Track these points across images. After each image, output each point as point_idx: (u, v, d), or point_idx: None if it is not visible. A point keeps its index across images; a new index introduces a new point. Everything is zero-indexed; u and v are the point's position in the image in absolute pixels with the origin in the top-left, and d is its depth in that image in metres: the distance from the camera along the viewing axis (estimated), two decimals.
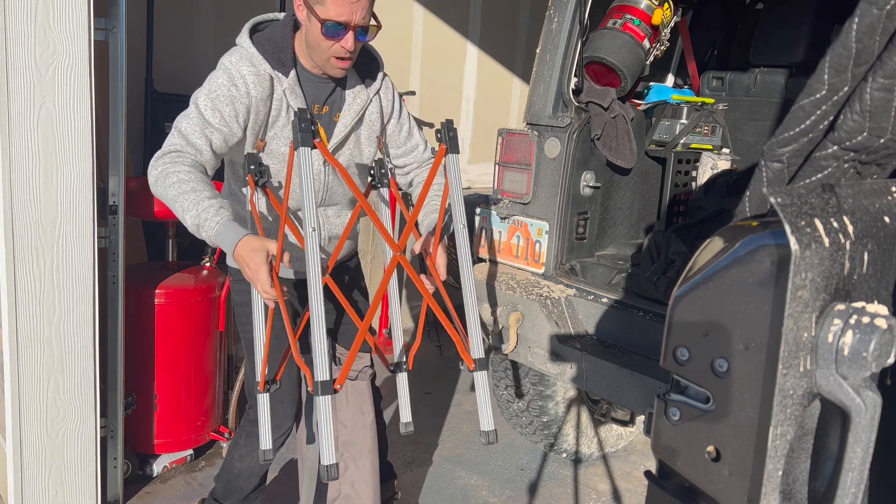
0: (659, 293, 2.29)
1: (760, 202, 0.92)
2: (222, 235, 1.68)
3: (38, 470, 2.30)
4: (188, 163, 1.78)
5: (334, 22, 1.78)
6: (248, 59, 1.86)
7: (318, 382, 1.55)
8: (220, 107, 1.83)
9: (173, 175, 1.74)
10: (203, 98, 1.83)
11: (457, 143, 1.87)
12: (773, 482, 0.78)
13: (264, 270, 1.63)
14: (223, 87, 1.83)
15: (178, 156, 1.78)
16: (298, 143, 1.63)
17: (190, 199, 1.70)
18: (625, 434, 3.42)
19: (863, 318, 0.74)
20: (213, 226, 1.68)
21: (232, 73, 1.84)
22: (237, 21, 4.21)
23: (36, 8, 2.04)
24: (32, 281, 2.18)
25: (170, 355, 2.81)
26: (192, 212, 1.70)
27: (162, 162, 1.78)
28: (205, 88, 1.85)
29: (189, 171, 1.75)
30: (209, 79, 1.87)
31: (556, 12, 2.55)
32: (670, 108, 2.81)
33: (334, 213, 2.13)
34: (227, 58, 1.88)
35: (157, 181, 1.77)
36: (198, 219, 1.69)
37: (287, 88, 1.90)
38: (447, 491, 2.95)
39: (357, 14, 1.79)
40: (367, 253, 4.73)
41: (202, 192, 1.71)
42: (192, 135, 1.81)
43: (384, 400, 3.68)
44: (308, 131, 1.63)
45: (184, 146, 1.80)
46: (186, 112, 1.85)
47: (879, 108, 0.83)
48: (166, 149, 1.80)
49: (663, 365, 0.86)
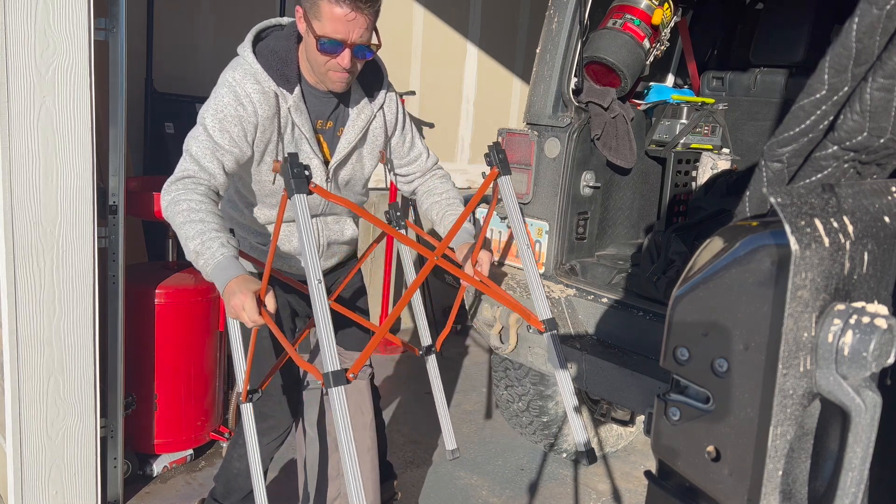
0: (659, 293, 2.29)
1: (760, 202, 0.92)
2: (218, 269, 1.65)
3: (38, 470, 2.31)
4: (201, 191, 1.75)
5: (330, 39, 1.75)
6: (252, 76, 1.82)
7: (329, 373, 1.49)
8: (229, 127, 1.79)
9: (184, 203, 1.71)
10: (210, 119, 1.80)
11: (507, 165, 1.90)
12: (773, 482, 0.78)
13: (250, 301, 1.58)
14: (230, 107, 1.80)
15: (191, 182, 1.75)
16: (293, 190, 1.55)
17: (196, 229, 1.68)
18: (625, 434, 3.42)
19: (863, 318, 0.74)
20: (211, 260, 1.65)
21: (237, 92, 1.81)
22: (237, 21, 4.21)
23: (36, 8, 2.04)
24: (32, 281, 2.18)
25: (170, 355, 2.81)
26: (196, 241, 1.67)
27: (175, 188, 1.75)
28: (210, 108, 1.81)
29: (200, 199, 1.72)
30: (214, 96, 1.82)
31: (556, 12, 2.55)
32: (670, 108, 2.81)
33: (333, 220, 2.13)
34: (230, 73, 1.84)
35: (168, 206, 1.74)
36: (200, 247, 1.66)
37: (292, 106, 1.87)
38: (447, 491, 2.95)
39: (354, 33, 1.75)
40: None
41: (209, 223, 1.69)
42: (203, 159, 1.78)
43: (383, 400, 3.69)
44: (301, 177, 1.56)
45: (197, 171, 1.77)
46: (195, 134, 1.81)
47: (879, 108, 0.83)
48: (179, 174, 1.77)
49: (663, 365, 0.86)
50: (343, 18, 1.72)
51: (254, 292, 1.59)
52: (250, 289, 1.59)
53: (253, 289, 1.59)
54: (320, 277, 1.51)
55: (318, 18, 1.74)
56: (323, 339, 1.51)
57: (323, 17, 1.73)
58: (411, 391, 3.89)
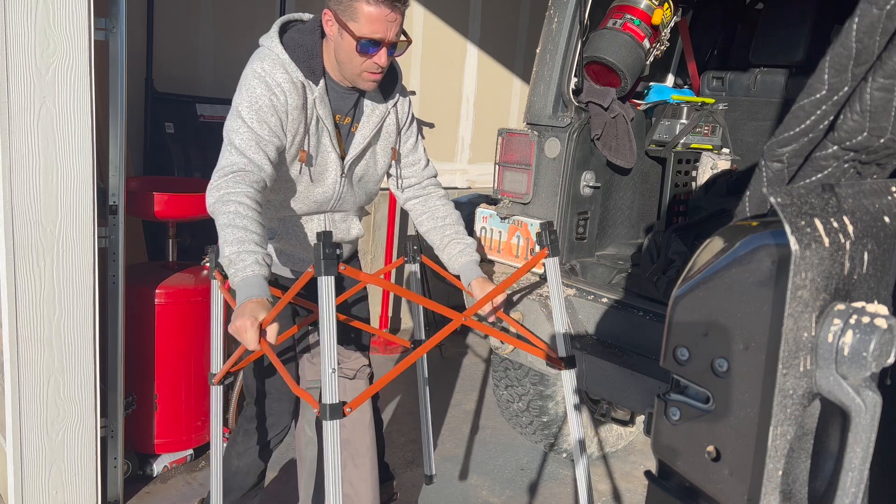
0: (659, 293, 2.29)
1: (760, 202, 0.92)
2: (244, 284, 1.62)
3: (38, 470, 2.31)
4: (252, 187, 1.72)
5: (369, 39, 1.77)
6: (281, 66, 1.83)
7: (327, 405, 1.48)
8: (266, 118, 1.79)
9: (233, 203, 1.67)
10: (246, 111, 1.79)
11: (558, 247, 1.94)
12: (773, 482, 0.78)
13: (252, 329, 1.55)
14: (264, 97, 1.80)
15: (241, 175, 1.72)
16: (321, 271, 1.51)
17: (237, 236, 1.64)
18: (625, 434, 3.42)
19: (863, 317, 0.74)
20: (241, 273, 1.62)
21: (269, 82, 1.81)
22: (237, 21, 4.21)
23: (36, 8, 2.04)
24: (32, 281, 2.18)
25: (170, 355, 2.81)
26: (234, 248, 1.63)
27: (225, 182, 1.71)
28: (245, 100, 1.80)
29: (249, 203, 1.69)
30: (246, 88, 1.81)
31: (556, 12, 2.55)
32: (670, 108, 2.81)
33: (341, 219, 2.14)
34: (258, 64, 1.83)
35: (216, 202, 1.70)
36: (235, 256, 1.63)
37: (318, 98, 1.88)
38: (447, 491, 2.95)
39: (391, 31, 1.78)
40: (367, 253, 4.73)
41: (251, 232, 1.65)
42: (249, 150, 1.76)
43: (383, 400, 3.69)
44: (332, 258, 1.52)
45: (246, 164, 1.75)
46: (234, 127, 1.79)
47: (879, 108, 0.83)
48: (228, 167, 1.74)
49: (663, 365, 0.86)
50: (383, 18, 1.75)
51: (260, 321, 1.56)
52: (258, 316, 1.56)
53: (261, 317, 1.56)
54: (334, 367, 1.49)
55: (356, 20, 1.75)
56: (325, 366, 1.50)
57: (361, 18, 1.74)
58: (411, 391, 3.89)
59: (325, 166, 1.99)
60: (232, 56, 3.94)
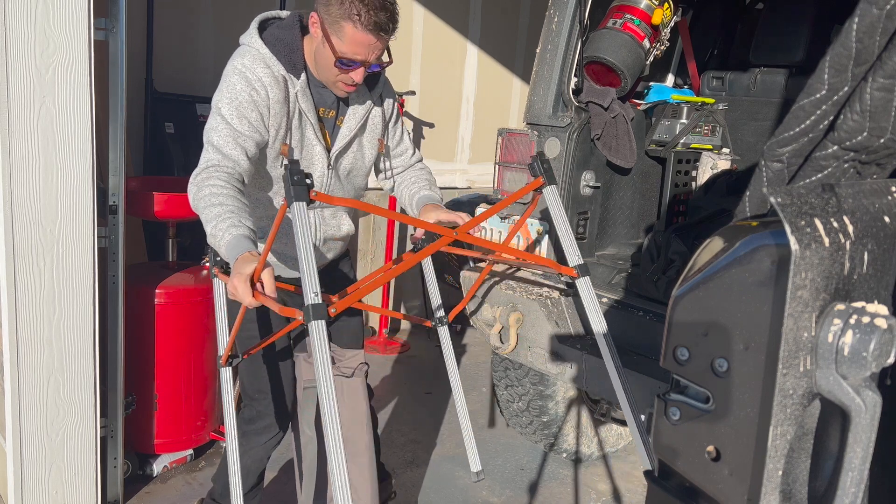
0: (659, 293, 2.29)
1: (760, 202, 0.92)
2: (229, 249, 1.65)
3: (38, 470, 2.30)
4: (224, 177, 1.75)
5: (349, 59, 1.77)
6: (262, 61, 1.84)
7: (309, 306, 1.45)
8: (246, 113, 1.80)
9: (207, 189, 1.72)
10: (226, 107, 1.80)
11: (552, 175, 1.97)
12: (773, 482, 0.78)
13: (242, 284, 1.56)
14: (244, 93, 1.80)
15: (215, 170, 1.75)
16: (292, 197, 1.53)
17: (214, 213, 1.68)
18: (625, 434, 3.42)
19: (863, 317, 0.74)
20: (223, 241, 1.66)
21: (249, 77, 1.81)
22: (237, 21, 4.21)
23: (36, 8, 2.04)
24: (32, 281, 2.18)
25: (170, 355, 2.81)
26: (212, 223, 1.68)
27: (200, 178, 1.75)
28: (225, 96, 1.81)
29: (223, 185, 1.72)
30: (226, 85, 1.82)
31: (556, 12, 2.55)
32: (670, 108, 2.81)
33: (330, 215, 2.13)
34: (239, 60, 1.84)
35: (193, 197, 1.75)
36: (214, 229, 1.67)
37: (300, 91, 1.89)
38: (447, 491, 2.95)
39: (372, 55, 1.78)
40: (367, 253, 4.73)
41: (227, 206, 1.69)
42: (225, 147, 1.78)
43: (383, 400, 3.69)
44: (302, 184, 1.55)
45: (221, 160, 1.77)
46: (213, 125, 1.80)
47: (879, 108, 0.83)
48: (203, 165, 1.78)
49: (663, 365, 0.86)
50: (366, 43, 1.75)
51: (248, 275, 1.56)
52: (245, 272, 1.56)
53: (248, 271, 1.56)
54: (317, 290, 1.49)
55: (340, 37, 1.75)
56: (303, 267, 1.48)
57: (345, 38, 1.74)
58: (411, 391, 3.89)
59: (310, 160, 1.99)
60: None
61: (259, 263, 1.57)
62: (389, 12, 1.76)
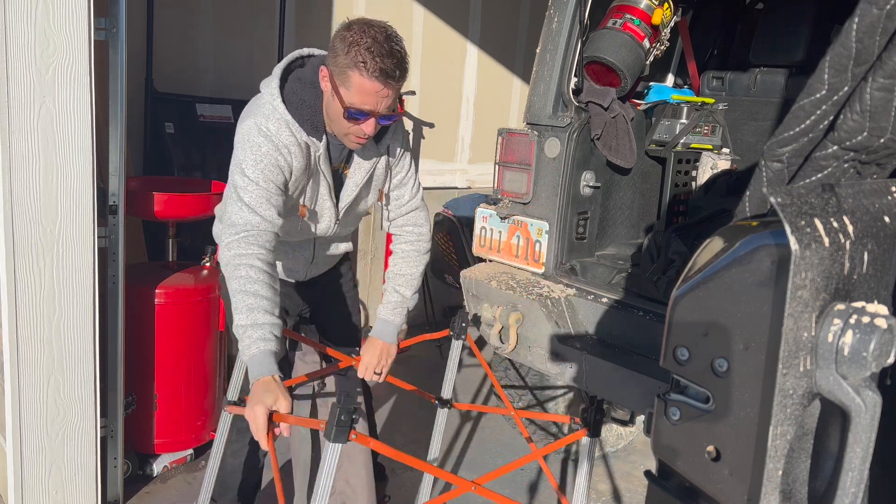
0: (659, 293, 2.29)
1: (760, 202, 0.92)
2: (253, 361, 1.64)
3: (38, 470, 2.31)
4: (262, 254, 1.73)
5: (358, 109, 1.73)
6: (286, 125, 1.80)
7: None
8: (273, 176, 1.78)
9: (244, 268, 1.69)
10: (252, 169, 1.76)
11: (600, 428, 1.96)
12: (773, 482, 0.78)
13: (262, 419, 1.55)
14: (270, 156, 1.77)
15: (254, 236, 1.73)
16: (331, 437, 1.50)
17: (247, 303, 1.66)
18: (625, 434, 3.42)
19: (863, 317, 0.74)
20: (247, 350, 1.65)
21: (275, 143, 1.78)
22: (237, 21, 4.20)
23: (36, 8, 2.04)
24: (32, 281, 2.18)
25: (170, 355, 2.81)
26: (243, 316, 1.65)
27: (237, 242, 1.72)
28: (250, 157, 1.77)
29: (261, 266, 1.71)
30: (251, 146, 1.78)
31: (556, 12, 2.55)
32: (670, 107, 2.81)
33: (329, 239, 2.17)
34: (263, 122, 1.79)
35: (228, 264, 1.72)
36: (242, 332, 1.65)
37: (321, 155, 1.87)
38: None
39: (381, 104, 1.74)
40: (367, 253, 4.73)
41: (261, 295, 1.67)
42: (260, 207, 1.76)
43: (383, 400, 3.68)
44: (346, 426, 1.50)
45: (258, 222, 1.75)
46: (241, 185, 1.77)
47: (879, 108, 0.83)
48: (242, 226, 1.74)
49: (663, 365, 0.86)
50: (374, 92, 1.70)
51: (268, 407, 1.55)
52: (266, 402, 1.55)
53: (269, 402, 1.55)
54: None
55: (347, 87, 1.71)
56: None
57: (352, 88, 1.70)
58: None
59: (321, 212, 2.01)
60: (232, 56, 3.94)
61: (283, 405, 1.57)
62: (397, 59, 1.70)
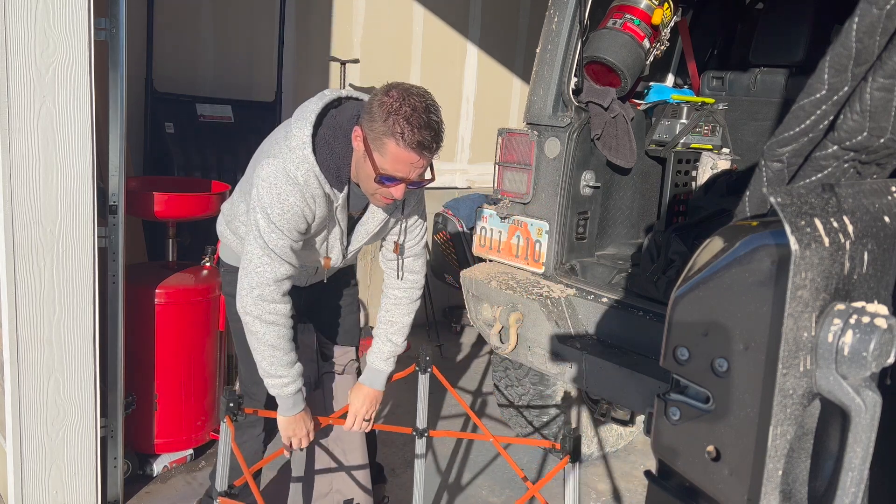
0: (659, 293, 2.29)
1: (760, 202, 0.92)
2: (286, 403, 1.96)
3: (38, 470, 2.31)
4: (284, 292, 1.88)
5: (390, 176, 1.72)
6: (314, 176, 1.79)
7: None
8: (297, 225, 1.81)
9: (273, 326, 1.86)
10: (278, 217, 1.78)
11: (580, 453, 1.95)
12: (773, 482, 0.78)
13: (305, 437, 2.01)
14: (297, 206, 1.79)
15: (283, 285, 1.86)
16: None
17: (276, 357, 1.89)
18: (625, 434, 3.42)
19: (863, 317, 0.74)
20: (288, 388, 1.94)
21: (304, 193, 1.79)
22: (237, 21, 4.20)
23: (36, 8, 2.04)
24: (32, 281, 2.18)
25: (170, 355, 2.81)
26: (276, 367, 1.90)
27: (269, 292, 1.84)
28: (276, 202, 1.78)
29: (286, 320, 1.89)
30: (276, 192, 1.77)
31: (556, 12, 2.55)
32: (670, 107, 2.81)
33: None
34: (293, 168, 1.78)
35: (249, 314, 1.85)
36: (274, 379, 1.91)
37: (340, 205, 1.89)
38: (447, 491, 2.95)
39: (414, 173, 1.73)
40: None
41: (286, 353, 1.91)
42: (286, 255, 1.82)
43: (383, 400, 3.68)
44: None
45: (288, 271, 1.85)
46: (266, 229, 1.79)
47: (879, 108, 0.83)
48: (269, 275, 1.82)
49: (663, 365, 0.86)
50: (409, 162, 1.69)
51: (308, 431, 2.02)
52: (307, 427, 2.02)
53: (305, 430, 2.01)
54: None
55: (382, 154, 1.70)
56: None
57: (387, 155, 1.69)
58: (411, 391, 3.88)
59: (329, 250, 2.04)
60: (232, 56, 3.94)
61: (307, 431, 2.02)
62: (434, 131, 1.70)
